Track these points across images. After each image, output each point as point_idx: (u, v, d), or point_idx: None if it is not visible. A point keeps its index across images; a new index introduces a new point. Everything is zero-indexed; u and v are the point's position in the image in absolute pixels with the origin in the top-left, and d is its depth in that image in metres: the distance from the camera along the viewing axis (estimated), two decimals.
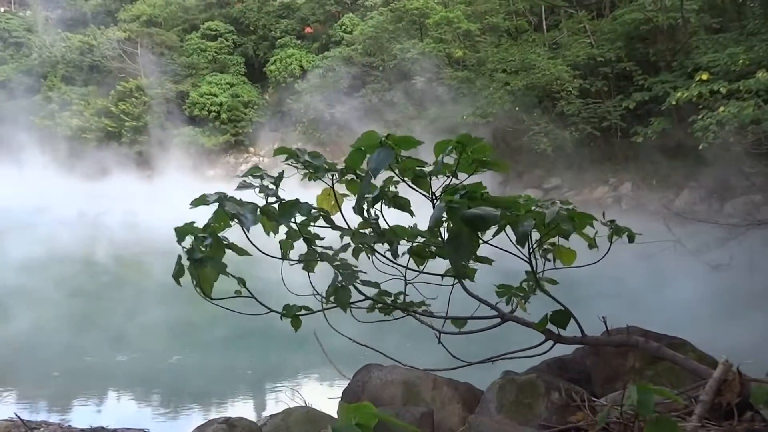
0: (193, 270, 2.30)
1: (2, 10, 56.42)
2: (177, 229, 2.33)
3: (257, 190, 2.49)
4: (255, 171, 2.53)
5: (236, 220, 2.34)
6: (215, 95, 37.49)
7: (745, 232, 13.36)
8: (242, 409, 8.12)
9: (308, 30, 39.67)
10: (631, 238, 2.66)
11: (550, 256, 2.82)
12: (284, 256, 2.64)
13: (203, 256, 2.31)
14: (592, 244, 2.56)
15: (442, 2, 29.79)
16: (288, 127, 36.83)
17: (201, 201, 2.36)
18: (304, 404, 3.84)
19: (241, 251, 2.42)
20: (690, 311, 11.53)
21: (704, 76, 19.69)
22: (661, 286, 13.04)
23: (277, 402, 7.93)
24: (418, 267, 2.89)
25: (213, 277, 2.33)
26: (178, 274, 2.31)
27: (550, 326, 2.79)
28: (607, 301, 11.40)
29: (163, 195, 27.18)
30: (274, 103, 38.09)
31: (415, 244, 2.81)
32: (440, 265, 2.76)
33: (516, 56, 25.28)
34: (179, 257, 2.29)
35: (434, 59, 28.48)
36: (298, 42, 39.33)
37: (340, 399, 3.70)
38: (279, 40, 39.57)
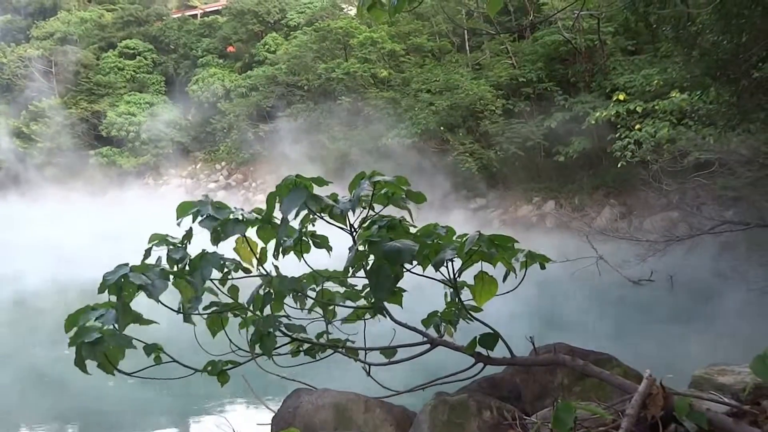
0: (90, 352, 2.19)
1: None
2: (68, 318, 2.23)
3: (162, 260, 2.41)
4: (157, 238, 2.47)
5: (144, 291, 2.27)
6: (134, 115, 36.50)
7: (664, 248, 13.73)
8: None
9: (230, 49, 39.23)
10: (542, 266, 2.64)
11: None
12: (185, 312, 2.54)
13: (102, 335, 2.19)
14: (510, 269, 2.56)
15: (365, 22, 29.82)
16: (211, 148, 36.13)
17: (104, 287, 2.27)
18: None
19: (146, 321, 2.34)
20: (614, 325, 11.66)
21: (621, 97, 20.42)
22: (585, 301, 13.17)
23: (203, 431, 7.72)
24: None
25: (119, 354, 2.27)
26: (80, 361, 2.19)
27: (479, 348, 2.86)
28: (535, 320, 11.40)
29: (78, 218, 26.10)
30: (197, 123, 37.25)
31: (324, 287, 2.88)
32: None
33: (440, 76, 25.57)
34: (78, 345, 2.18)
35: (359, 79, 28.51)
36: (221, 61, 38.87)
37: (270, 425, 3.65)
38: (201, 59, 39.02)
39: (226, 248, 2.56)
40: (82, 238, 21.05)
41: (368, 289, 2.79)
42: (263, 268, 2.66)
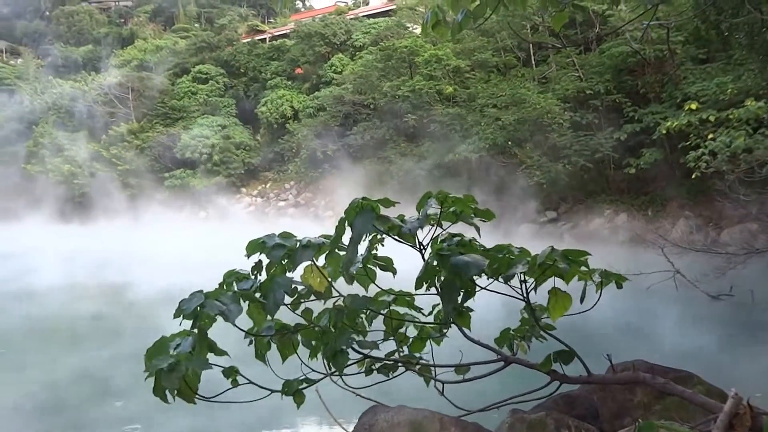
0: (169, 380, 2.17)
1: None
2: (148, 352, 2.23)
3: (234, 293, 2.41)
4: (230, 275, 2.48)
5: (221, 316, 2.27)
6: (207, 137, 37.64)
7: (744, 260, 13.24)
8: None
9: (298, 71, 40.05)
10: (619, 285, 2.53)
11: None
12: (255, 335, 2.59)
13: (178, 359, 2.19)
14: (588, 278, 2.47)
15: (430, 40, 30.08)
16: (280, 167, 36.91)
17: (179, 312, 2.29)
18: None
19: (219, 351, 2.36)
20: (694, 343, 11.32)
21: (693, 106, 19.90)
22: (663, 317, 12.83)
23: None
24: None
25: (196, 380, 2.27)
26: (159, 390, 2.18)
27: (554, 366, 2.77)
28: (610, 336, 11.19)
29: (156, 237, 27.06)
30: (266, 143, 38.22)
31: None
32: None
33: (506, 91, 25.52)
34: (156, 374, 2.17)
35: (425, 96, 28.69)
36: (289, 83, 39.69)
37: None
38: (269, 82, 39.95)
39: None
40: (178, 252, 21.91)
41: (439, 307, 2.80)
42: (335, 288, 2.66)
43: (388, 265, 2.68)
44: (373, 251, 2.59)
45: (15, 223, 36.16)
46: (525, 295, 2.54)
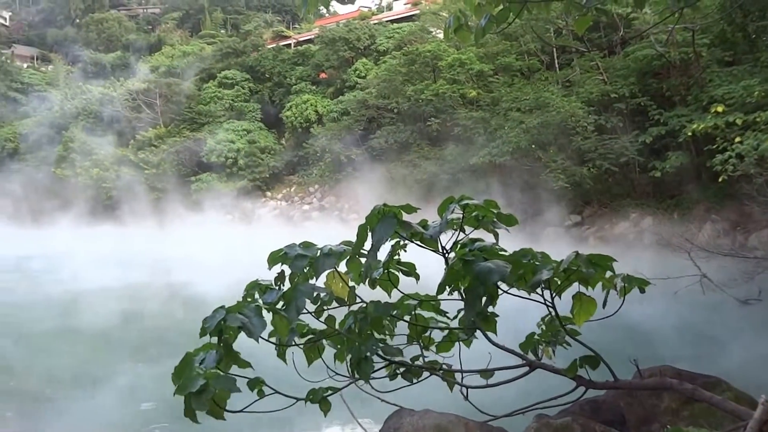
0: (199, 402, 2.19)
1: (26, 66, 58.16)
2: (176, 370, 2.25)
3: (256, 306, 2.43)
4: (252, 287, 2.50)
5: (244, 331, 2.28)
6: (232, 142, 37.96)
7: None
8: None
9: (323, 75, 40.29)
10: (642, 290, 2.50)
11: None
12: (281, 344, 2.58)
13: (207, 380, 2.21)
14: (611, 286, 2.47)
15: (454, 45, 30.11)
16: (305, 171, 37.16)
17: (204, 332, 2.31)
18: None
19: (243, 362, 2.38)
20: (721, 347, 11.21)
21: (719, 108, 19.72)
22: (690, 322, 12.71)
23: None
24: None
25: (226, 396, 2.28)
26: (189, 411, 2.21)
27: (580, 371, 2.74)
28: (636, 341, 11.14)
29: (189, 240, 27.42)
30: (291, 147, 38.50)
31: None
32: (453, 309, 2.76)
33: (530, 95, 25.44)
34: (187, 397, 2.20)
35: (448, 100, 28.72)
36: (313, 87, 39.92)
37: None
38: (294, 87, 40.20)
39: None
40: (216, 254, 22.26)
41: (463, 311, 2.69)
42: (357, 296, 2.67)
43: (410, 270, 2.69)
44: (396, 256, 2.59)
45: (48, 226, 36.93)
46: (550, 300, 2.55)
